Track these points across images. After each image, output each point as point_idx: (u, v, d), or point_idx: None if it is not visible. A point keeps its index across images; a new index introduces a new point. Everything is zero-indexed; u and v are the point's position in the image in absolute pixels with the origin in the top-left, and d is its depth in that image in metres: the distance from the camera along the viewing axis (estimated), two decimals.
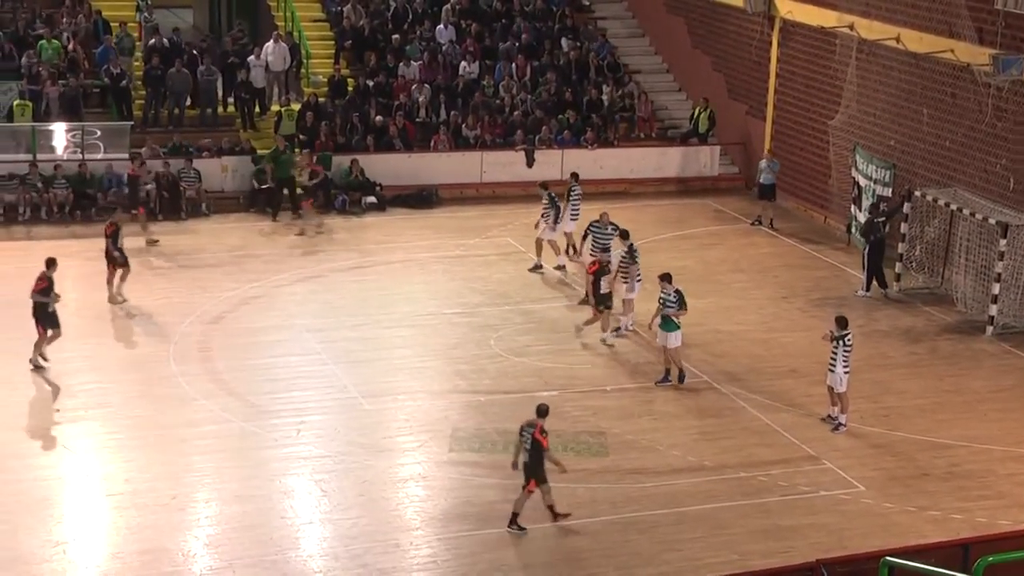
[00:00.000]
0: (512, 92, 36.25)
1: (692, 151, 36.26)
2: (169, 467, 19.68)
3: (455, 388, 22.80)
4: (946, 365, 24.67)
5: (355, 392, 22.37)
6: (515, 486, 19.02)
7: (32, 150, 31.51)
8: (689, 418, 22.01)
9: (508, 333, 25.26)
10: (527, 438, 18.12)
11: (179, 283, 27.27)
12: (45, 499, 18.66)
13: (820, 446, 20.91)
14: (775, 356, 24.65)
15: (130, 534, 17.84)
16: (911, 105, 29.69)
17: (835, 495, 19.44)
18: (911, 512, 19.07)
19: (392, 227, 31.60)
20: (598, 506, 18.94)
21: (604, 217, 26.56)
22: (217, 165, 32.51)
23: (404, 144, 34.31)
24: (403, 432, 21.19)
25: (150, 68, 33.65)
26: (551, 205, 28.26)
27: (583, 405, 22.21)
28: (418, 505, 18.91)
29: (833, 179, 32.06)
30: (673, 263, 24.77)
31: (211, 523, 18.23)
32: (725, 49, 36.89)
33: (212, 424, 21.15)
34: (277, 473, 19.70)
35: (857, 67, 31.03)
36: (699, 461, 20.42)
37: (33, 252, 28.82)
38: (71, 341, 24.07)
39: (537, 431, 18.08)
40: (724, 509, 18.93)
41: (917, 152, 29.43)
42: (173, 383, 22.58)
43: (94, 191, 31.30)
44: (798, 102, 33.94)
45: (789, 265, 29.95)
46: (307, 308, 26.19)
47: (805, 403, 22.48)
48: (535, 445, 18.07)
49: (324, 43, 37.41)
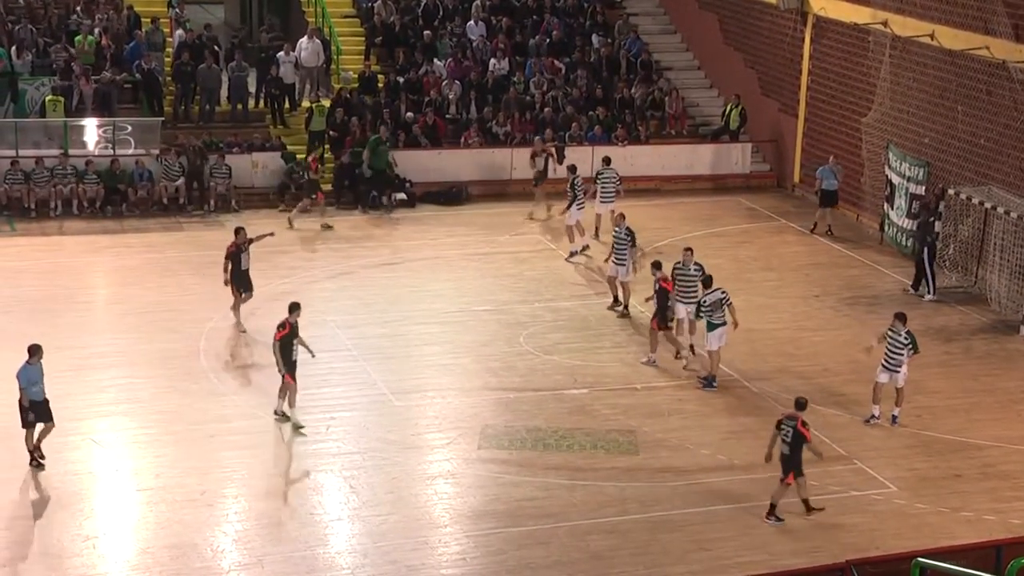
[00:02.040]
0: (543, 89, 36.24)
1: (724, 148, 36.16)
2: (199, 462, 19.77)
3: (485, 385, 22.82)
4: (980, 365, 24.55)
5: (385, 389, 22.42)
6: (544, 484, 19.08)
7: (64, 146, 31.71)
8: (719, 417, 21.97)
9: (538, 330, 25.27)
10: (787, 431, 18.41)
11: (209, 278, 27.33)
12: (76, 493, 18.78)
13: (851, 446, 20.85)
14: (806, 355, 24.58)
15: (159, 529, 17.93)
16: (945, 102, 29.53)
17: (867, 495, 19.38)
18: (943, 513, 18.99)
19: (422, 224, 31.65)
20: (627, 504, 18.93)
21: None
22: (247, 161, 32.65)
23: (434, 141, 34.35)
24: (432, 429, 21.23)
25: (180, 64, 33.79)
26: (570, 189, 29.02)
27: (613, 403, 22.20)
28: (447, 502, 18.94)
29: (866, 177, 31.92)
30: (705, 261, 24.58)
31: (240, 519, 18.30)
32: (757, 46, 36.78)
33: (242, 420, 21.24)
34: (306, 470, 19.77)
35: (891, 64, 30.88)
36: (729, 460, 20.39)
37: (64, 247, 29.09)
38: (101, 335, 24.23)
39: (799, 424, 18.35)
40: (754, 508, 18.88)
41: (951, 150, 29.27)
42: (203, 378, 22.68)
43: (124, 186, 31.49)
44: (831, 99, 33.81)
45: (821, 263, 29.85)
46: (337, 304, 26.26)
47: (837, 402, 22.40)
48: (797, 437, 18.34)
49: (354, 39, 37.47)
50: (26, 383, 19.34)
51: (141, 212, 31.37)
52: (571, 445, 20.64)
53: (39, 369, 19.51)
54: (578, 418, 21.56)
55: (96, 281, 27.69)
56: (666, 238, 30.65)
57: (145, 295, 26.40)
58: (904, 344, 21.38)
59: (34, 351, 19.54)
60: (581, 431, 21.07)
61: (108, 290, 27.02)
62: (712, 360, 22.92)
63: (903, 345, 21.37)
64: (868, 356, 21.94)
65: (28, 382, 19.34)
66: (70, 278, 27.26)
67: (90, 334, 24.29)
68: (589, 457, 20.26)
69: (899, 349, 21.37)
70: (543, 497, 18.92)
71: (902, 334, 21.37)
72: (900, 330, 21.35)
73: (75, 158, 31.43)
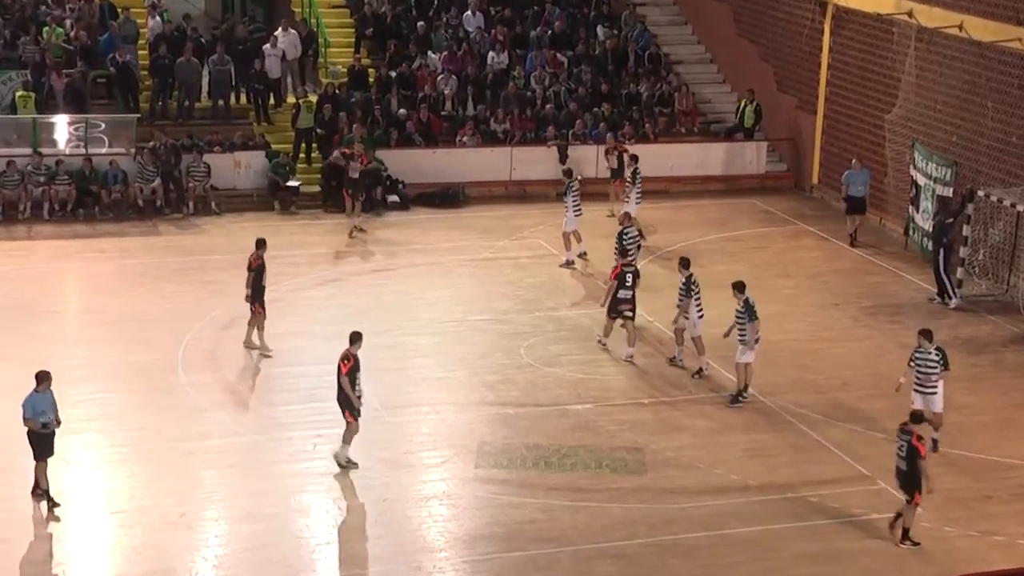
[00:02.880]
0: (544, 84, 36.25)
1: (737, 147, 36.18)
2: (176, 483, 19.72)
3: (482, 400, 22.81)
4: (1011, 378, 24.52)
5: (376, 404, 22.37)
6: (544, 506, 19.03)
7: (34, 144, 31.69)
8: (733, 434, 21.94)
9: (539, 342, 25.25)
10: (902, 444, 18.43)
11: (188, 286, 27.36)
12: (44, 516, 18.71)
13: (874, 464, 20.79)
14: (825, 367, 24.55)
15: (134, 554, 17.89)
16: (974, 98, 29.53)
17: (890, 518, 19.32)
18: (973, 537, 18.95)
19: (416, 228, 31.65)
20: (635, 527, 18.90)
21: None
22: (229, 160, 32.64)
23: (428, 139, 34.36)
24: (426, 447, 21.21)
25: (157, 57, 33.78)
26: (567, 194, 29.07)
27: (619, 419, 22.17)
28: (442, 525, 18.92)
29: (889, 178, 31.93)
30: (718, 267, 24.74)
31: (221, 543, 18.26)
32: (773, 38, 36.80)
33: (223, 437, 21.21)
34: (292, 490, 19.73)
35: (916, 57, 30.90)
36: (743, 480, 20.35)
37: (33, 252, 29.07)
38: (71, 346, 24.20)
39: (914, 438, 18.37)
40: (770, 532, 18.85)
41: (980, 149, 29.28)
42: (181, 393, 22.66)
43: (97, 188, 31.47)
44: (852, 95, 33.82)
45: (840, 270, 29.84)
46: (326, 314, 26.23)
47: (857, 418, 22.37)
48: (912, 452, 18.33)
49: (344, 31, 37.51)
50: (32, 413, 18.56)
51: (115, 215, 31.38)
52: (574, 464, 20.61)
53: (48, 398, 18.69)
54: (581, 435, 21.54)
55: (67, 289, 27.67)
56: (676, 243, 30.64)
57: (119, 304, 26.38)
58: (936, 362, 21.04)
59: (42, 378, 18.68)
60: (585, 449, 21.04)
61: (79, 298, 27.00)
62: (737, 371, 22.80)
63: (935, 363, 21.05)
64: (899, 393, 21.60)
65: (34, 412, 18.55)
66: (39, 285, 27.25)
67: (60, 345, 24.25)
68: (593, 477, 20.23)
69: (931, 368, 21.03)
70: (544, 520, 18.88)
71: (932, 352, 21.07)
72: (928, 348, 21.04)
73: (45, 158, 31.40)
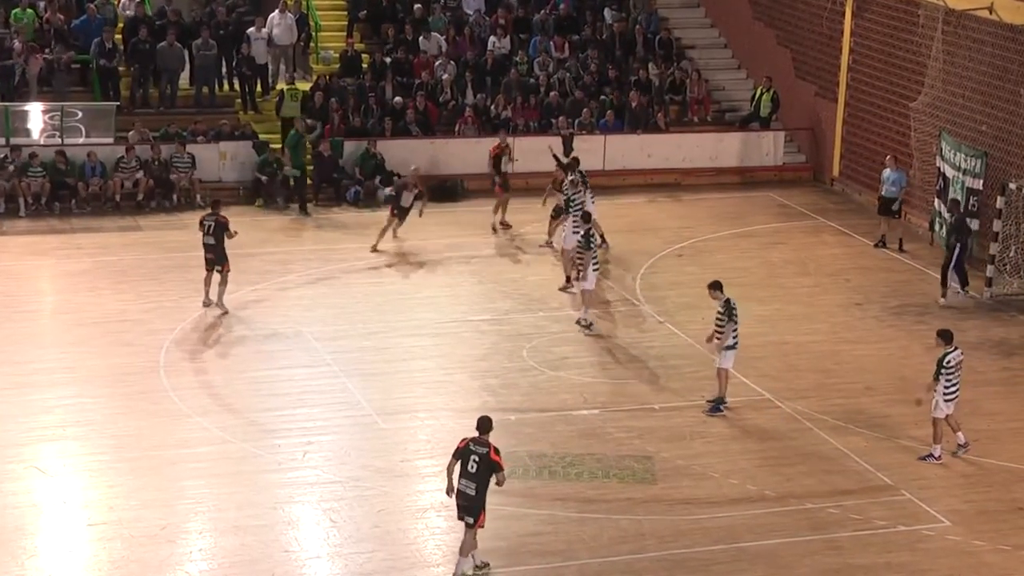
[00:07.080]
0: (548, 70, 36.28)
1: (753, 137, 36.22)
2: (158, 493, 19.73)
3: (482, 405, 22.77)
4: None
5: (369, 409, 22.41)
6: (550, 517, 19.04)
7: (6, 134, 31.70)
8: (748, 441, 21.97)
9: (543, 343, 25.28)
10: None
11: (170, 285, 27.37)
12: (17, 529, 18.72)
13: (898, 474, 20.82)
14: (846, 371, 24.58)
15: (114, 569, 17.89)
16: (1006, 85, 29.55)
17: (916, 531, 19.35)
18: (1005, 551, 18.96)
19: (412, 222, 31.64)
20: (644, 540, 18.91)
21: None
22: (214, 151, 32.67)
23: (425, 128, 34.39)
24: (423, 455, 21.22)
25: (137, 42, 33.76)
26: (564, 190, 29.17)
27: (628, 426, 22.19)
28: (440, 538, 18.93)
29: (915, 169, 31.94)
30: (732, 264, 24.78)
31: (205, 557, 18.27)
32: (791, 21, 36.82)
33: (207, 445, 21.21)
34: (281, 501, 19.74)
35: (943, 41, 30.91)
36: (759, 490, 20.37)
37: (5, 249, 29.09)
38: (46, 349, 24.22)
39: None
40: (788, 545, 18.87)
41: (1012, 139, 29.29)
42: (163, 398, 22.66)
43: (74, 181, 31.48)
44: (875, 82, 33.84)
45: (863, 267, 29.86)
46: (316, 314, 26.27)
47: (880, 424, 22.39)
48: None
49: (336, 14, 37.54)
50: None
51: (93, 210, 31.41)
52: (580, 473, 20.63)
53: None
54: (588, 442, 21.56)
55: (41, 287, 27.69)
56: (688, 239, 30.67)
57: (97, 303, 26.41)
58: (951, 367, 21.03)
59: None
60: (592, 457, 21.06)
61: (55, 298, 27.00)
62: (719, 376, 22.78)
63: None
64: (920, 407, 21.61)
65: None
66: (11, 284, 27.28)
67: (34, 348, 24.27)
68: (601, 487, 20.24)
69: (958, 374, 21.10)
70: (549, 532, 18.90)
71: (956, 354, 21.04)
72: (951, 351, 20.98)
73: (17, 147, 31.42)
